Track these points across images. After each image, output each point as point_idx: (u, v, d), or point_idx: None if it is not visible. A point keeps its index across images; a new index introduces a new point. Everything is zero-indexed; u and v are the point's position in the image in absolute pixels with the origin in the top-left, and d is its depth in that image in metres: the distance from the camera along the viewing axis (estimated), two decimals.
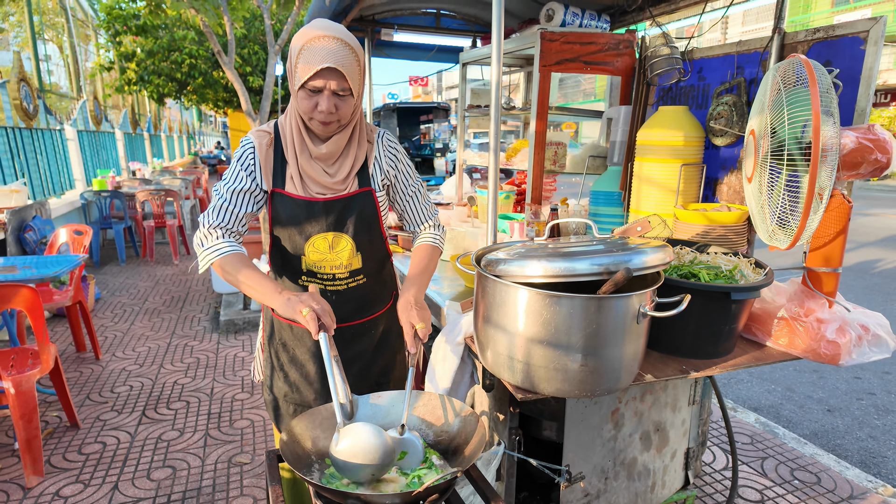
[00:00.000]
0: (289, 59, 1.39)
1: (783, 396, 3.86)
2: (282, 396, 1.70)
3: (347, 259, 1.56)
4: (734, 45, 1.98)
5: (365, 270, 1.60)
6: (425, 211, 1.64)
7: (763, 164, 1.54)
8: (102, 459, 2.77)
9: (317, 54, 1.30)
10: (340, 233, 1.52)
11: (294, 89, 1.37)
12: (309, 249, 1.53)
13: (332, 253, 1.54)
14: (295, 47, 1.35)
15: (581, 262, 1.21)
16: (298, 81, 1.34)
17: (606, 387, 1.29)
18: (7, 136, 5.85)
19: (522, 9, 2.90)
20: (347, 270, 1.57)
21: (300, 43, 1.33)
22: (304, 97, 1.36)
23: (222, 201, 1.45)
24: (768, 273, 1.52)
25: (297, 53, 1.33)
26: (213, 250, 1.43)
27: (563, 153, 2.58)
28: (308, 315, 1.25)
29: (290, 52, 1.37)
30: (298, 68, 1.33)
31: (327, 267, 1.56)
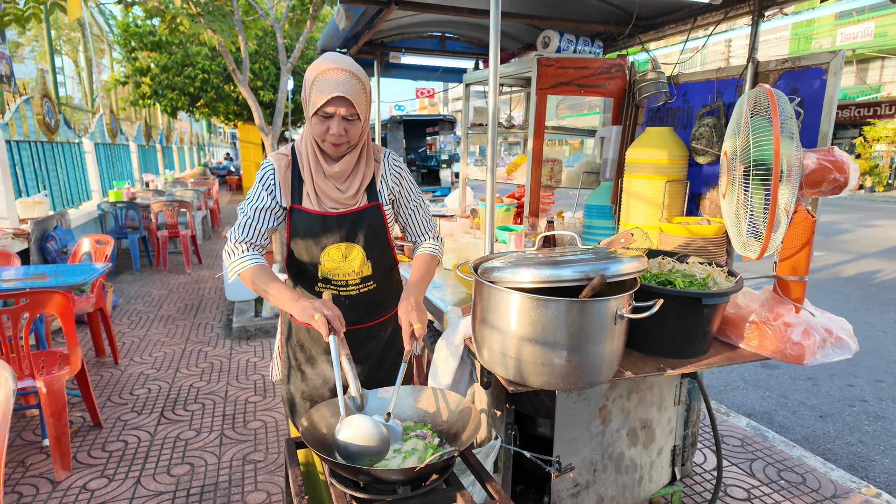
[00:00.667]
0: (303, 90, 1.57)
1: (777, 403, 3.98)
2: (299, 393, 1.87)
3: (359, 267, 1.73)
4: (714, 71, 2.15)
5: (375, 277, 1.77)
6: (425, 224, 1.82)
7: (734, 183, 1.71)
8: (125, 456, 2.94)
9: (328, 84, 1.48)
10: (352, 243, 1.69)
11: (308, 116, 1.55)
12: (324, 258, 1.70)
13: (345, 261, 1.71)
14: (308, 78, 1.53)
15: (564, 270, 1.38)
16: (312, 108, 1.51)
17: (588, 380, 1.45)
18: (30, 150, 6.11)
19: (523, 33, 3.09)
20: (359, 277, 1.74)
21: (313, 75, 1.51)
22: (317, 122, 1.54)
23: (247, 219, 1.63)
24: (738, 281, 1.67)
25: (311, 84, 1.51)
26: (240, 263, 1.61)
27: (558, 169, 2.75)
28: (320, 319, 1.43)
29: (305, 83, 1.55)
30: (312, 97, 1.50)
31: (341, 274, 1.72)
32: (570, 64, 2.54)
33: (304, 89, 1.56)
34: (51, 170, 6.61)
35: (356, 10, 2.39)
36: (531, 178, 2.59)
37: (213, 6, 4.83)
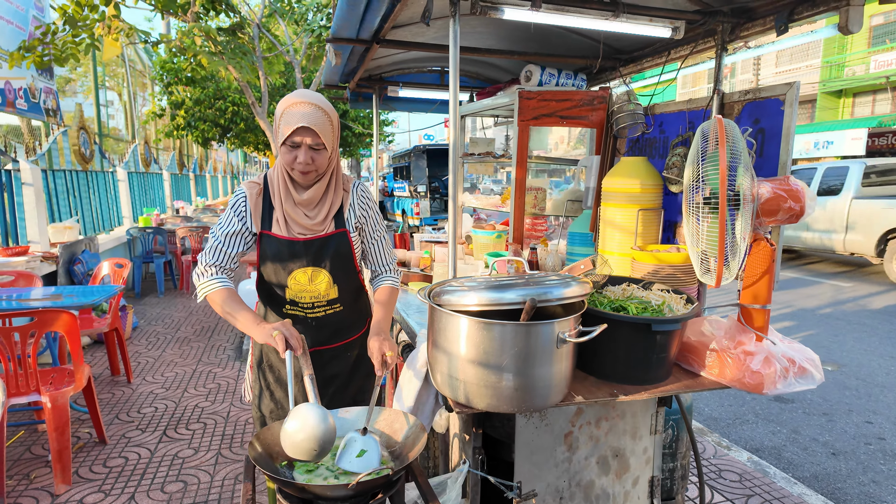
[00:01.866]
0: (274, 122, 1.67)
1: (787, 438, 3.84)
2: (268, 413, 1.94)
3: (325, 290, 1.80)
4: (686, 102, 2.19)
5: (341, 300, 1.84)
6: (385, 257, 1.90)
7: (691, 211, 1.73)
8: (123, 472, 3.04)
9: (294, 116, 1.58)
10: (318, 267, 1.77)
11: (278, 146, 1.64)
12: (291, 282, 1.77)
13: (311, 285, 1.78)
14: (279, 111, 1.63)
15: (507, 293, 1.43)
16: (281, 138, 1.61)
17: (533, 403, 1.48)
18: (65, 178, 6.49)
19: (512, 66, 3.20)
20: (325, 300, 1.81)
21: (282, 108, 1.62)
22: (286, 152, 1.62)
23: (217, 243, 1.73)
24: (694, 308, 1.68)
25: (280, 116, 1.61)
26: (209, 285, 1.71)
27: (542, 197, 2.81)
28: (277, 336, 1.50)
29: (275, 115, 1.65)
30: (281, 128, 1.61)
31: (307, 297, 1.79)
32: (552, 96, 2.61)
33: (275, 121, 1.66)
34: (84, 197, 7.00)
35: (345, 49, 2.54)
36: (515, 206, 2.65)
37: (234, 44, 5.12)
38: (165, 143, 13.55)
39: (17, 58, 4.50)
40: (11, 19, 7.56)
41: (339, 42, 2.35)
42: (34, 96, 7.91)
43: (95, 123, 10.44)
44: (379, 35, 2.29)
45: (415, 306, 2.66)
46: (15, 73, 7.37)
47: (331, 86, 3.76)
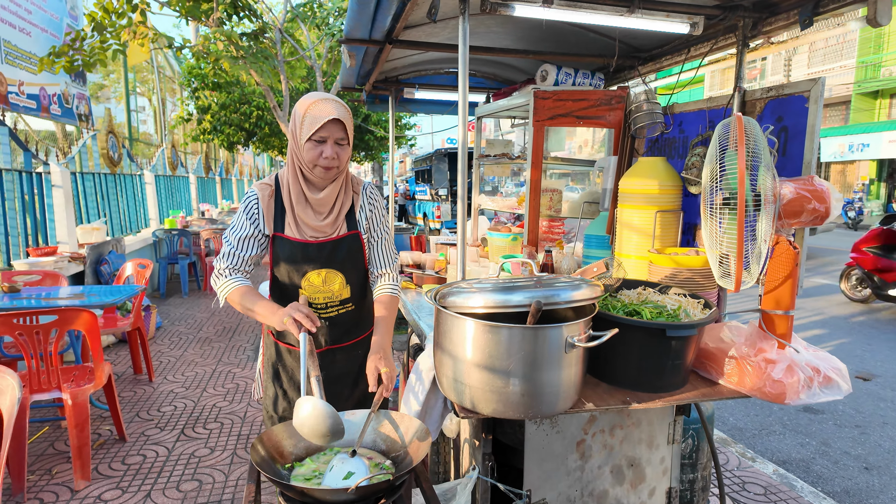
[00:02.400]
0: (292, 122, 1.67)
1: (817, 451, 3.70)
2: (280, 413, 1.93)
3: (338, 291, 1.81)
4: (706, 101, 2.12)
5: (353, 299, 1.85)
6: (387, 257, 1.87)
7: (707, 213, 1.67)
8: (141, 470, 3.08)
9: (322, 111, 1.60)
10: (332, 269, 1.78)
11: (300, 143, 1.63)
12: (305, 283, 1.78)
13: (325, 286, 1.79)
14: (300, 109, 1.63)
15: (514, 295, 1.39)
16: (306, 135, 1.61)
17: (541, 410, 1.43)
18: (94, 181, 6.66)
19: (528, 66, 3.16)
20: (338, 300, 1.82)
21: (304, 107, 1.62)
22: (310, 148, 1.62)
23: (230, 248, 1.74)
24: (712, 314, 1.62)
25: (303, 114, 1.61)
26: (227, 285, 1.71)
27: (557, 199, 2.76)
28: (288, 321, 1.51)
29: (294, 115, 1.65)
30: (305, 125, 1.60)
31: (321, 297, 1.80)
32: (568, 96, 2.56)
33: (294, 120, 1.66)
34: (112, 199, 7.17)
35: (358, 51, 2.53)
36: (529, 208, 2.61)
37: (256, 48, 5.19)
38: (192, 146, 13.84)
39: (47, 63, 4.64)
40: (46, 27, 7.83)
41: (351, 43, 2.35)
42: (67, 102, 8.17)
43: (126, 128, 10.73)
44: (391, 35, 2.28)
45: (427, 308, 2.63)
46: (49, 79, 7.62)
47: (348, 88, 3.77)
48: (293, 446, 1.55)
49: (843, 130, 19.93)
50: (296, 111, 1.66)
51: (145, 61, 11.14)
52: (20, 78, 6.91)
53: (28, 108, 7.12)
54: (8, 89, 6.57)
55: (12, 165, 4.99)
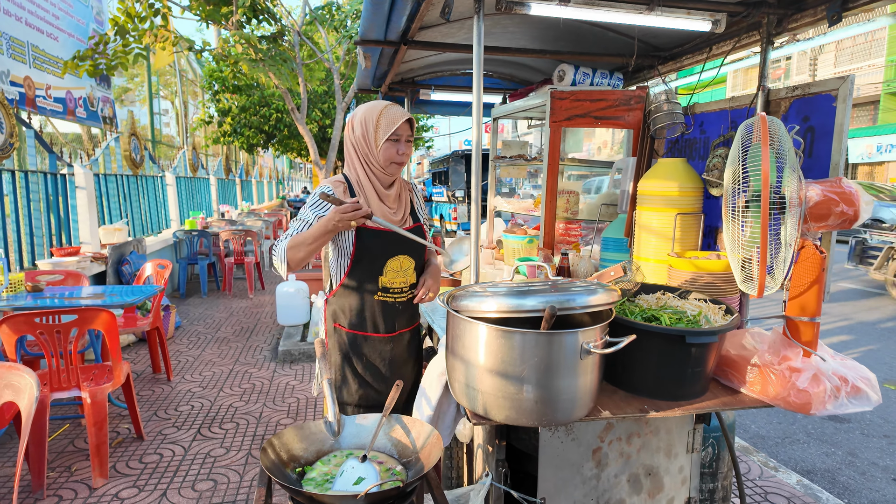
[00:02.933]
0: (363, 127, 1.84)
1: (843, 461, 3.58)
2: (353, 403, 2.00)
3: (410, 276, 1.98)
4: (728, 101, 2.07)
5: (416, 284, 2.01)
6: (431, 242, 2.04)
7: (729, 215, 1.62)
8: (157, 469, 3.11)
9: (395, 114, 1.82)
10: (408, 256, 1.94)
11: (377, 144, 1.81)
12: (386, 269, 1.92)
13: (402, 271, 1.95)
14: (371, 116, 1.82)
15: (528, 300, 1.36)
16: (383, 136, 1.80)
17: (556, 417, 1.40)
18: (117, 182, 6.78)
19: (545, 66, 3.12)
20: (409, 285, 1.98)
21: (377, 112, 1.82)
22: (388, 147, 1.82)
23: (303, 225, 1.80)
24: (733, 320, 1.56)
25: (377, 118, 1.81)
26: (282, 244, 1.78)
27: (574, 201, 2.71)
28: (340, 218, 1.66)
29: (366, 121, 1.82)
30: (381, 127, 1.80)
31: (398, 282, 1.95)
32: (586, 96, 2.52)
33: (367, 125, 1.83)
34: (133, 200, 7.29)
35: (374, 52, 2.52)
36: (546, 210, 2.57)
37: (274, 51, 5.23)
38: (213, 149, 14.04)
39: (71, 66, 4.73)
40: (73, 33, 8.00)
41: (367, 44, 2.34)
42: (92, 105, 8.34)
43: (149, 131, 10.93)
44: (406, 36, 2.26)
45: (441, 311, 2.61)
46: (75, 83, 7.79)
47: (364, 90, 3.77)
48: (304, 450, 1.53)
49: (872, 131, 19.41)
50: (364, 119, 1.84)
51: (168, 65, 11.34)
52: (47, 82, 7.07)
53: (55, 112, 7.28)
54: (36, 93, 6.73)
55: (37, 167, 5.10)
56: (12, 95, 6.02)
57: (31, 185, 4.90)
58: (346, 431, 1.63)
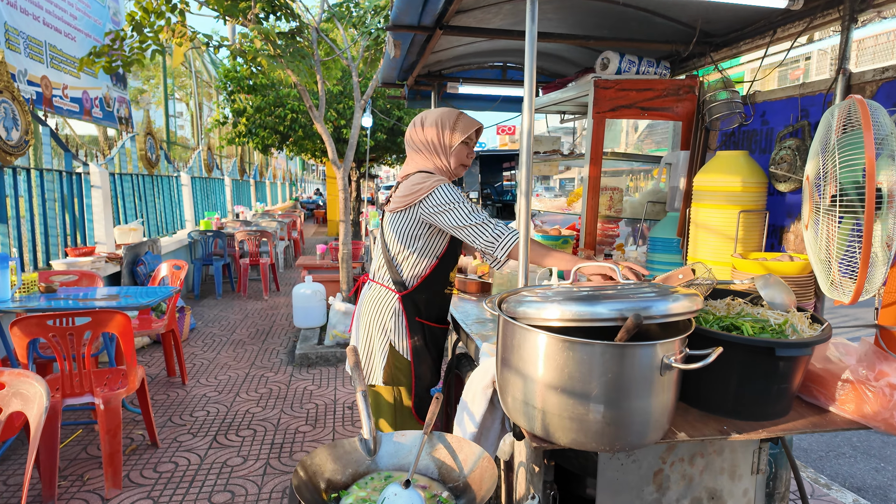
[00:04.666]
0: (438, 127, 1.96)
1: (894, 477, 3.36)
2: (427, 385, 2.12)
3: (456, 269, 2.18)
4: (797, 87, 1.88)
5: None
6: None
7: (818, 211, 1.43)
8: (173, 479, 2.97)
9: (471, 121, 1.99)
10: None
11: (452, 146, 1.96)
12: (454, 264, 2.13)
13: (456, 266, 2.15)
14: (449, 119, 1.96)
15: (599, 307, 1.18)
16: (459, 138, 1.95)
17: (628, 441, 1.22)
18: (132, 182, 6.70)
19: (581, 57, 2.94)
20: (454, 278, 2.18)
21: (454, 116, 1.97)
22: (462, 149, 1.98)
23: (478, 216, 1.87)
24: (825, 329, 1.38)
25: (455, 122, 1.96)
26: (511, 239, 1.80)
27: (618, 198, 2.53)
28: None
29: (442, 123, 1.96)
30: (458, 131, 1.96)
31: (453, 276, 2.16)
32: (632, 86, 2.34)
33: (442, 127, 1.96)
34: (149, 200, 7.22)
35: (405, 39, 2.36)
36: (587, 208, 2.39)
37: (293, 48, 5.10)
38: (228, 150, 14.00)
39: (87, 63, 4.63)
40: (90, 33, 7.96)
41: (399, 30, 2.18)
42: (108, 105, 8.30)
43: (164, 132, 10.89)
44: (442, 20, 2.11)
45: (473, 316, 2.43)
46: (92, 83, 7.75)
47: (388, 84, 3.62)
48: (339, 472, 1.37)
49: None
50: (440, 122, 1.96)
51: (183, 65, 11.30)
52: (64, 82, 7.02)
53: (71, 111, 7.23)
54: (52, 92, 6.67)
55: (53, 166, 5.01)
56: (29, 95, 5.97)
57: (47, 184, 4.81)
58: (384, 450, 1.47)
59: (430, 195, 1.85)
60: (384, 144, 12.77)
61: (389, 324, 2.05)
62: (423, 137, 1.96)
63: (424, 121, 1.97)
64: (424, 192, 1.86)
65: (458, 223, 1.82)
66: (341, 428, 3.63)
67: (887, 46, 21.18)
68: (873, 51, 21.92)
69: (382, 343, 2.06)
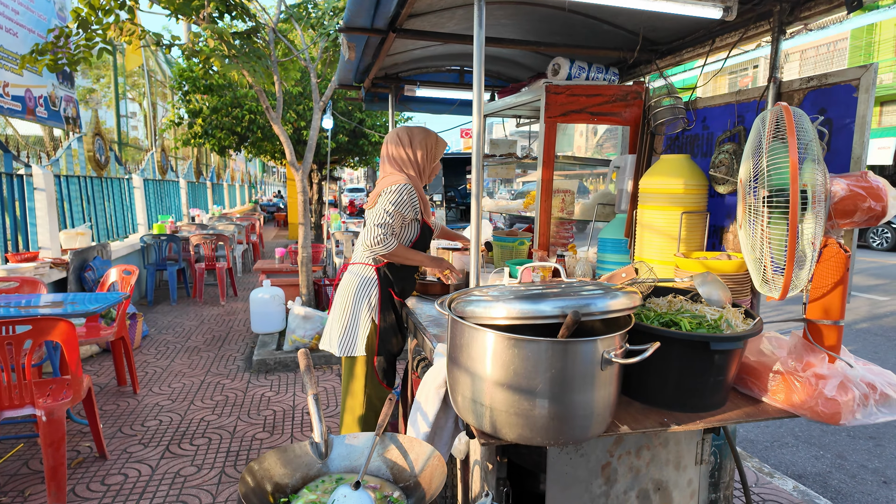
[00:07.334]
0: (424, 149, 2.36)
1: (832, 464, 3.54)
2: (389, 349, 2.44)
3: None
4: (734, 94, 1.98)
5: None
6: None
7: (750, 212, 1.51)
8: (122, 491, 2.87)
9: (443, 145, 2.45)
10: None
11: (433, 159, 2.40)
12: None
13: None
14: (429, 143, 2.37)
15: (543, 305, 1.22)
16: (439, 154, 2.43)
17: (573, 435, 1.26)
18: (79, 184, 6.44)
19: (535, 62, 3.01)
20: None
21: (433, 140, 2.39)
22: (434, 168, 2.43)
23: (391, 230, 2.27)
24: (756, 324, 1.46)
25: (434, 146, 2.40)
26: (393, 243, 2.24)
27: (570, 200, 2.60)
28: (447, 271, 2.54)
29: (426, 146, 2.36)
30: (439, 148, 2.43)
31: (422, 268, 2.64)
32: (582, 91, 2.41)
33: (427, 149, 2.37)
34: (98, 203, 6.94)
35: (359, 41, 2.37)
36: (540, 210, 2.44)
37: (249, 48, 5.01)
38: (183, 151, 13.60)
39: (29, 60, 4.42)
40: (34, 28, 7.61)
41: (352, 32, 2.18)
42: (54, 104, 7.93)
43: (115, 133, 10.49)
44: (395, 23, 2.12)
45: (432, 317, 2.45)
46: (36, 81, 7.39)
47: (345, 85, 3.60)
48: (288, 475, 1.36)
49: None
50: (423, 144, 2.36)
51: (137, 66, 10.92)
52: (5, 79, 6.67)
53: (13, 110, 6.88)
54: None
55: None
56: None
57: None
58: (335, 453, 1.47)
59: (383, 193, 2.27)
60: (346, 147, 12.67)
61: (369, 295, 2.36)
62: (401, 153, 2.34)
63: (409, 140, 2.33)
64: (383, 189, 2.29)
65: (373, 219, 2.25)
66: (300, 434, 3.58)
67: (828, 56, 22.35)
68: (814, 60, 23.11)
69: (366, 314, 2.36)
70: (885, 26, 18.39)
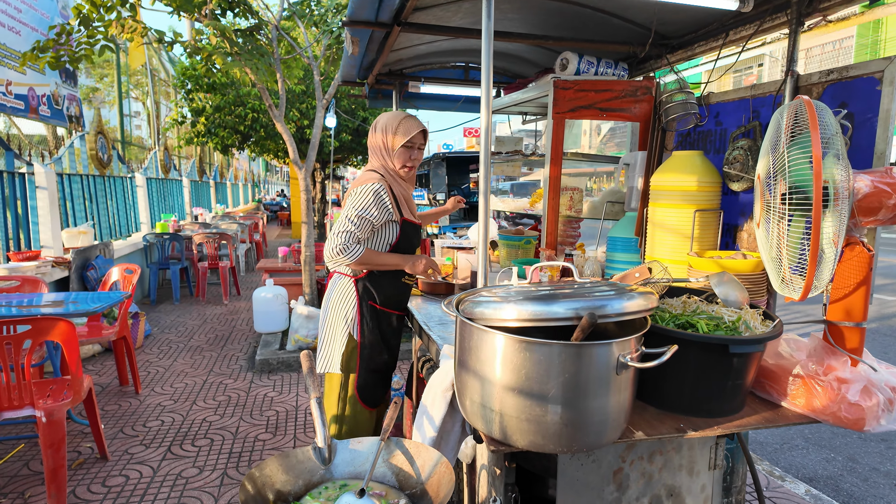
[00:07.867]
0: (383, 132, 2.12)
1: (844, 467, 3.48)
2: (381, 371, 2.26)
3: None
4: (749, 88, 1.92)
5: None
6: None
7: (769, 210, 1.46)
8: (122, 493, 2.83)
9: (413, 124, 2.11)
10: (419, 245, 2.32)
11: (393, 149, 2.11)
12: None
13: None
14: (392, 123, 2.10)
15: (555, 306, 1.17)
16: (399, 141, 2.09)
17: (586, 442, 1.21)
18: (81, 183, 6.41)
19: (541, 58, 2.95)
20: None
21: (396, 122, 2.10)
22: (403, 152, 2.12)
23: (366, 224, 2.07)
24: (776, 326, 1.40)
25: (397, 126, 2.10)
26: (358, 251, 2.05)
27: (578, 198, 2.54)
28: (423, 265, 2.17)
29: (387, 127, 2.10)
30: (398, 134, 2.09)
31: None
32: (591, 86, 2.36)
33: (386, 131, 2.11)
34: (100, 202, 6.92)
35: (363, 35, 2.32)
36: (548, 208, 2.39)
37: (251, 45, 4.96)
38: (187, 150, 13.58)
39: (30, 57, 4.39)
40: (37, 26, 7.58)
41: (356, 26, 2.13)
42: (57, 103, 7.91)
43: (118, 132, 10.47)
44: (400, 17, 2.07)
45: (437, 318, 2.40)
46: (39, 80, 7.37)
47: (348, 82, 3.55)
48: (291, 483, 1.32)
49: None
50: (385, 126, 2.12)
51: (140, 65, 10.90)
52: (8, 77, 6.66)
53: (16, 109, 6.86)
54: None
55: None
56: None
57: None
58: (339, 458, 1.42)
59: (350, 195, 2.12)
60: (349, 145, 12.63)
61: (346, 309, 2.20)
62: (372, 140, 2.15)
63: (376, 124, 2.14)
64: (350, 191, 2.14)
65: (337, 226, 2.08)
66: (303, 435, 3.54)
67: (833, 55, 22.19)
68: (820, 59, 22.94)
69: (342, 329, 2.20)
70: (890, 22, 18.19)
